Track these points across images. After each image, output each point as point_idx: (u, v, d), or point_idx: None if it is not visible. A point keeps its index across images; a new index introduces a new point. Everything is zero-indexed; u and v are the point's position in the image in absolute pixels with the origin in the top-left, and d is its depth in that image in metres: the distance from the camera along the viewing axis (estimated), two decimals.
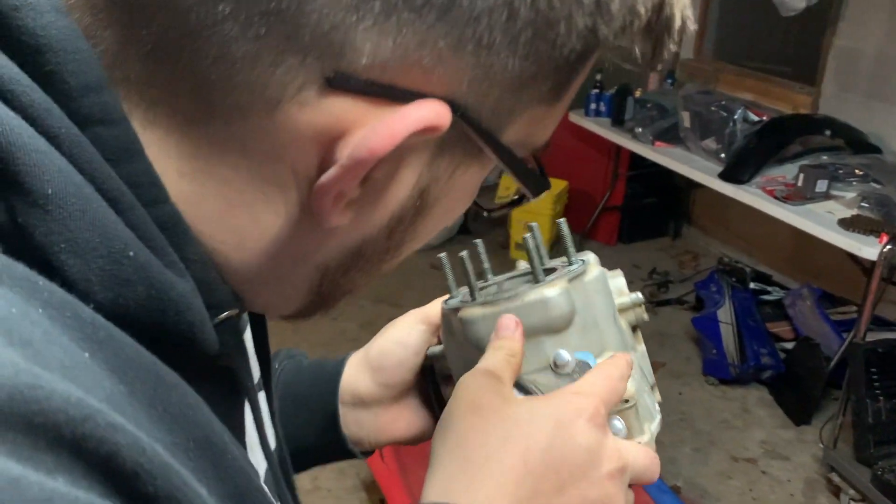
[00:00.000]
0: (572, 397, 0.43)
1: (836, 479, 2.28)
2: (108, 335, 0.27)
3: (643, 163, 3.55)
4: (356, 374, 0.60)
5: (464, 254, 0.55)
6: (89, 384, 0.24)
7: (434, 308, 0.60)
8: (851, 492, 2.20)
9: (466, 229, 3.99)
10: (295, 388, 0.62)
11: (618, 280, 0.57)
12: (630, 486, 0.44)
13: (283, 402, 0.61)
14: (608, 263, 0.55)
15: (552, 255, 0.60)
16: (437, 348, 0.60)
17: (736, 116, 2.82)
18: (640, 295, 0.57)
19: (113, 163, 0.30)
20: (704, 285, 3.06)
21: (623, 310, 0.55)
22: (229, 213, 0.33)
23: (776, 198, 2.55)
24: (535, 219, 3.41)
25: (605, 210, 3.90)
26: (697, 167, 2.89)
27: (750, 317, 2.86)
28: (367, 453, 0.62)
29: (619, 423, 0.49)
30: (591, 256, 0.56)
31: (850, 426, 2.30)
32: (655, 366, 3.09)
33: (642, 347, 0.57)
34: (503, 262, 3.74)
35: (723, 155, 2.83)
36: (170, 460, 0.24)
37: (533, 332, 0.49)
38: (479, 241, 0.60)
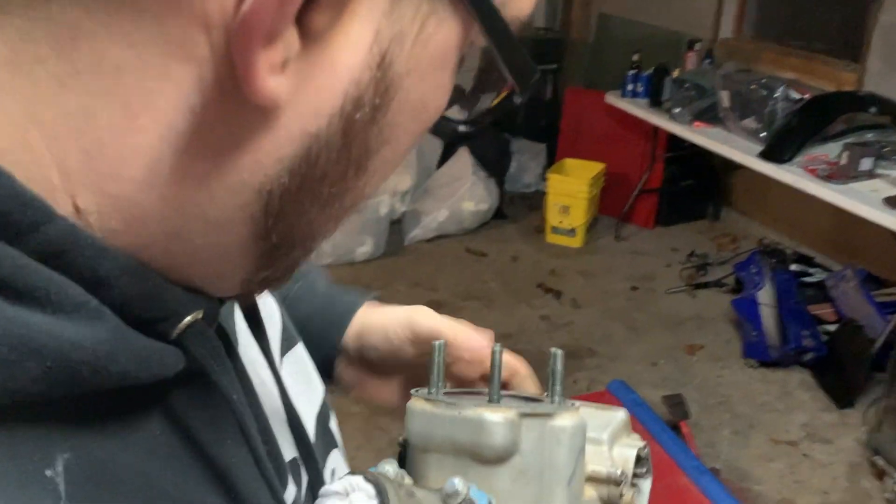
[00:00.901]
0: None
1: (880, 462, 2.24)
2: None
3: (681, 144, 3.51)
4: (351, 340, 0.59)
5: (438, 342, 0.49)
6: None
7: (422, 317, 0.57)
8: None
9: (502, 213, 3.99)
10: (303, 322, 0.59)
11: (628, 451, 0.51)
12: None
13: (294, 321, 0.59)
14: (646, 246, 0.53)
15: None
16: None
17: (777, 95, 2.77)
18: (623, 473, 0.49)
19: None
20: (744, 267, 3.03)
21: (595, 480, 0.49)
22: (98, 143, 0.24)
23: (818, 177, 2.51)
24: (572, 201, 3.41)
25: (643, 193, 3.87)
26: (737, 147, 2.85)
27: (791, 299, 2.82)
28: None
29: None
30: (620, 413, 0.51)
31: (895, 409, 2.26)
32: (693, 349, 3.06)
33: None
34: (539, 247, 3.74)
35: (763, 134, 2.78)
36: None
37: (458, 451, 0.45)
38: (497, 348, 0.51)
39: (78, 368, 0.24)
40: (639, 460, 0.51)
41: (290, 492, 0.41)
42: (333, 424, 0.53)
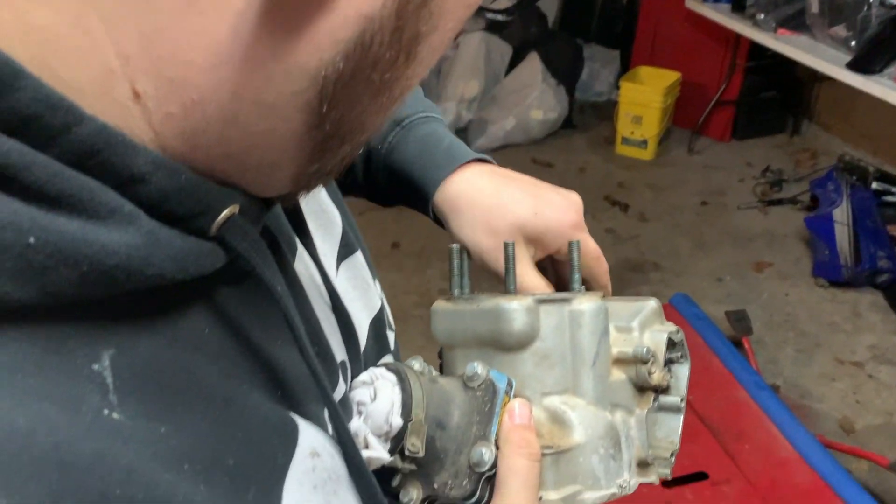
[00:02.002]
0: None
1: None
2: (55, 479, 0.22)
3: (763, 53, 3.34)
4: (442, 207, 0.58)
5: (455, 246, 0.50)
6: None
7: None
8: None
9: (571, 123, 3.91)
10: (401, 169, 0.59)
11: (658, 335, 0.50)
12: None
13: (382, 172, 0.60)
14: (720, 160, 0.52)
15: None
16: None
17: (871, 0, 2.59)
18: (652, 353, 0.48)
19: None
20: (821, 184, 2.92)
21: (622, 362, 0.49)
22: (157, 26, 0.24)
23: None
24: (645, 111, 3.33)
25: (720, 104, 3.72)
26: (823, 56, 2.70)
27: (869, 218, 2.72)
28: None
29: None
30: (650, 302, 0.50)
31: None
32: (761, 266, 3.00)
33: (641, 413, 0.50)
34: (608, 159, 3.68)
35: (853, 43, 2.62)
36: None
37: (481, 343, 0.46)
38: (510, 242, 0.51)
39: (113, 273, 0.25)
40: (672, 345, 0.51)
41: (340, 391, 0.42)
42: (390, 332, 0.54)
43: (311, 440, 0.35)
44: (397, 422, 0.40)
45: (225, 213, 0.29)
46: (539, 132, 3.78)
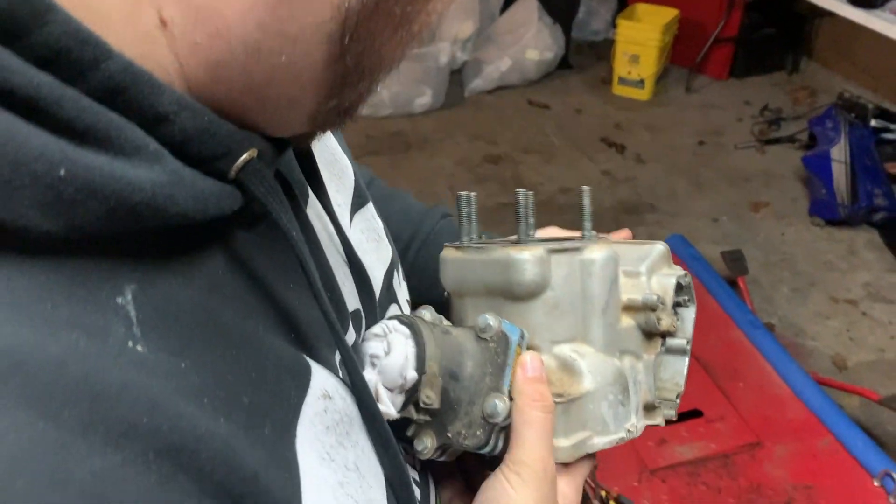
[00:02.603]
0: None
1: None
2: (11, 364, 0.22)
3: None
4: None
5: (464, 194, 0.49)
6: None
7: None
8: None
9: (567, 63, 3.86)
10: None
11: (666, 279, 0.50)
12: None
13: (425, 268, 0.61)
14: (718, 99, 0.51)
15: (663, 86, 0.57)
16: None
17: None
18: (661, 299, 0.49)
19: (10, 37, 0.23)
20: (820, 122, 2.89)
21: (631, 308, 0.49)
22: None
23: None
24: (642, 50, 3.27)
25: (718, 41, 3.66)
26: None
27: (867, 155, 2.70)
28: None
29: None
30: (658, 246, 0.51)
31: None
32: (758, 206, 3.00)
33: (649, 358, 0.50)
34: (605, 100, 3.64)
35: None
36: None
37: (490, 292, 0.46)
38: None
39: (138, 209, 0.25)
40: (680, 289, 0.52)
41: (351, 338, 0.42)
42: (399, 279, 0.54)
43: (323, 382, 0.36)
44: (412, 375, 0.41)
45: (244, 156, 0.29)
46: (535, 73, 3.72)
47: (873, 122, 2.87)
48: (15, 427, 0.21)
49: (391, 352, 0.41)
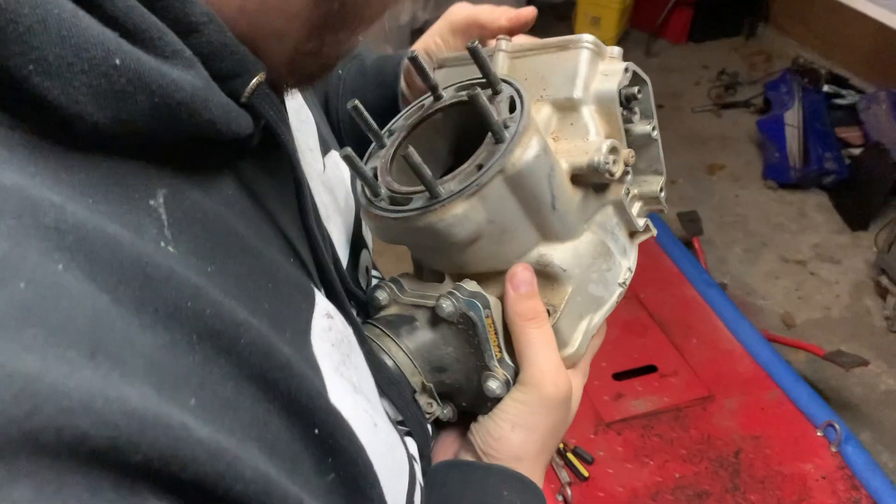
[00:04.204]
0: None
1: (884, 281, 2.32)
2: (77, 239, 0.23)
3: None
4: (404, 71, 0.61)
5: (350, 104, 0.45)
6: (70, 307, 0.22)
7: (484, 12, 0.58)
8: None
9: None
10: (362, 93, 0.62)
11: (607, 83, 0.44)
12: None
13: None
14: (677, 63, 0.50)
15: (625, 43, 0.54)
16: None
17: None
18: (608, 150, 0.43)
19: None
20: (774, 86, 2.95)
21: (580, 176, 0.43)
22: None
23: None
24: (604, 12, 3.24)
25: (678, 5, 3.68)
26: None
27: (818, 120, 2.77)
28: None
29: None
30: (582, 42, 0.44)
31: None
32: (714, 168, 3.03)
33: (617, 197, 0.46)
34: None
35: None
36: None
37: (430, 246, 0.44)
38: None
39: (178, 109, 0.27)
40: (628, 81, 0.45)
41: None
42: (367, 231, 0.56)
43: (325, 303, 0.37)
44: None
45: (256, 79, 0.31)
46: None
47: (826, 88, 2.93)
48: (89, 298, 0.22)
49: None
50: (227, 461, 0.23)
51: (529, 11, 0.57)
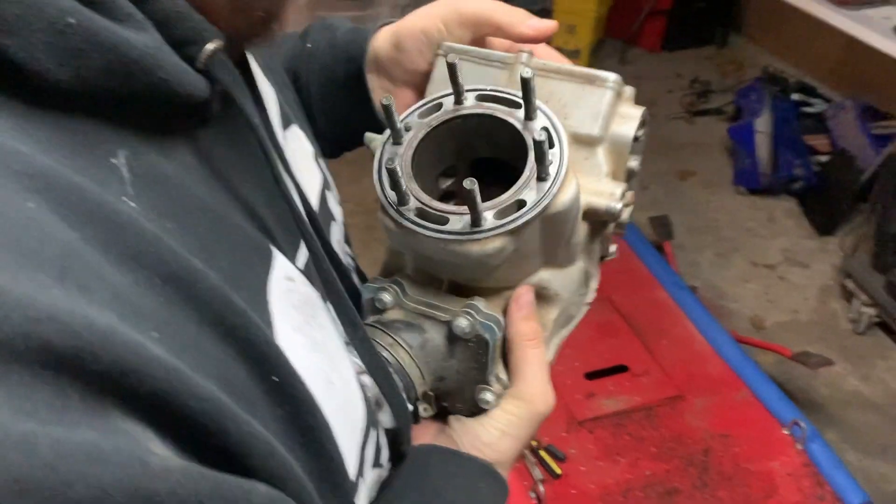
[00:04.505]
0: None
1: (850, 285, 2.37)
2: (46, 184, 0.25)
3: None
4: (382, 44, 0.58)
5: (383, 99, 0.45)
6: (41, 237, 0.23)
7: (501, 12, 0.54)
8: (864, 297, 2.28)
9: None
10: (332, 68, 0.61)
11: (624, 129, 0.46)
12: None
13: (320, 78, 0.61)
14: (651, 71, 0.51)
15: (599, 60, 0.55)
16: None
17: None
18: (621, 198, 0.45)
19: None
20: (745, 94, 3.01)
21: (591, 214, 0.46)
22: None
23: (831, 0, 2.43)
24: (578, 20, 3.26)
25: (652, 14, 3.74)
26: None
27: (788, 127, 2.83)
28: None
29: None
30: (607, 93, 0.46)
31: (873, 237, 2.35)
32: (686, 174, 3.07)
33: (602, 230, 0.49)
34: None
35: None
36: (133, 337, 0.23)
37: (449, 264, 0.45)
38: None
39: (131, 67, 0.28)
40: (634, 140, 0.48)
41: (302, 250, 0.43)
42: (333, 202, 0.56)
43: (286, 267, 0.38)
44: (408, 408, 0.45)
45: (213, 45, 0.32)
46: None
47: (795, 96, 3.00)
48: (59, 233, 0.24)
49: None
50: (183, 379, 0.24)
51: (552, 25, 0.54)
